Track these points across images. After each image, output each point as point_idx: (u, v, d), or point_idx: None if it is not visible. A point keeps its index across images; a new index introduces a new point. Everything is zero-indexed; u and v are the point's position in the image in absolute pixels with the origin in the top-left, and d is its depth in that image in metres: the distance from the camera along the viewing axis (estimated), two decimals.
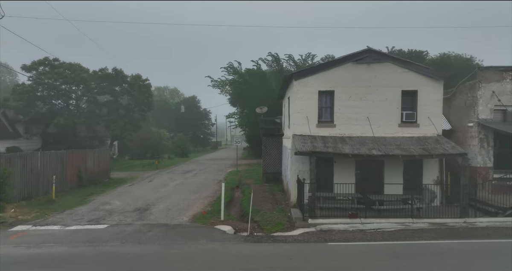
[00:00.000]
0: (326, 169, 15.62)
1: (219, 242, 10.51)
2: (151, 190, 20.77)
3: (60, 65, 33.25)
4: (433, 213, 13.53)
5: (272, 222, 13.41)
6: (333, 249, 9.74)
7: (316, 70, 15.71)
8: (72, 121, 32.89)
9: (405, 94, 15.55)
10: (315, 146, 14.16)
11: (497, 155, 15.47)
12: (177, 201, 17.35)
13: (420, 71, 15.44)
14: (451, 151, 13.80)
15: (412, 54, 38.89)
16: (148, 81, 37.13)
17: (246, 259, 8.96)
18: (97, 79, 34.44)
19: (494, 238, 10.58)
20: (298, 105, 15.75)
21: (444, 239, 10.54)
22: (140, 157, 46.84)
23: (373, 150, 13.85)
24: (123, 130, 34.43)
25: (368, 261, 8.63)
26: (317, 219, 13.09)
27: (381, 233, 11.40)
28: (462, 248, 9.66)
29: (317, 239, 10.80)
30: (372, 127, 15.44)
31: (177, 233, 11.58)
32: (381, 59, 15.39)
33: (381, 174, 15.53)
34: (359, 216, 13.32)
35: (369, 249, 9.74)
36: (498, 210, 13.61)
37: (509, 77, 15.22)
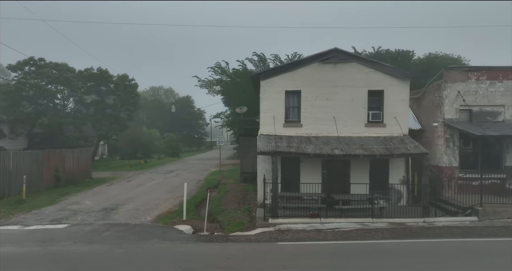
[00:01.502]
0: (293, 168, 15.67)
1: (170, 241, 10.53)
2: (127, 190, 20.81)
3: (46, 65, 33.31)
4: (396, 213, 13.56)
5: (234, 221, 13.45)
6: (279, 249, 9.77)
7: (282, 70, 15.74)
8: (57, 121, 32.94)
9: (372, 94, 15.58)
10: (278, 146, 14.19)
11: (463, 155, 15.50)
12: (148, 201, 17.39)
13: (387, 71, 15.47)
14: (413, 150, 13.83)
15: (400, 54, 38.96)
16: (134, 81, 37.16)
17: (188, 258, 8.99)
18: (83, 79, 34.45)
19: (445, 237, 10.62)
20: (265, 105, 15.78)
21: (394, 238, 10.57)
22: (130, 157, 46.85)
23: (336, 150, 13.88)
24: (108, 130, 34.45)
25: (306, 260, 8.66)
26: (278, 219, 13.12)
27: (336, 232, 11.43)
28: (408, 248, 9.69)
29: (269, 238, 10.83)
30: (339, 127, 15.47)
31: (133, 232, 11.61)
32: (347, 59, 15.41)
33: (348, 173, 15.56)
34: (322, 215, 13.36)
35: (314, 249, 9.77)
36: (459, 210, 13.66)
37: (474, 77, 15.24)
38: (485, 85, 15.24)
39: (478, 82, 15.24)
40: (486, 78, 15.21)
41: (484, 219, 12.78)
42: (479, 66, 15.50)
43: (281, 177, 15.71)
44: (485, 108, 15.37)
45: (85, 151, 26.84)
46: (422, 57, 40.82)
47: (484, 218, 12.79)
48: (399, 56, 38.38)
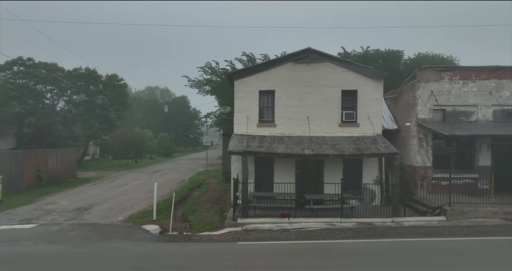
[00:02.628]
0: (267, 168, 15.69)
1: (132, 241, 10.54)
2: (107, 190, 20.82)
3: (35, 65, 33.30)
4: (367, 213, 13.58)
5: (204, 221, 13.48)
6: (237, 248, 9.79)
7: (256, 70, 15.75)
8: (45, 121, 32.92)
9: (346, 94, 15.60)
10: (249, 146, 14.20)
11: (437, 155, 15.50)
12: (125, 201, 17.40)
13: (360, 71, 15.48)
14: (383, 150, 13.84)
15: (389, 54, 38.97)
16: (123, 81, 37.14)
17: (145, 258, 8.98)
18: (71, 79, 34.41)
19: (406, 237, 10.63)
20: (239, 105, 15.80)
21: (356, 238, 10.58)
22: (123, 157, 46.87)
23: (306, 150, 13.89)
24: (96, 130, 34.44)
25: (260, 260, 8.67)
26: (247, 219, 13.13)
27: (300, 232, 11.44)
28: (365, 247, 9.69)
29: (232, 238, 10.84)
30: (313, 127, 15.50)
31: (99, 232, 11.61)
32: (321, 59, 15.43)
33: (321, 173, 15.58)
34: (292, 215, 13.36)
35: (272, 248, 9.79)
36: (429, 210, 13.67)
37: (448, 77, 15.25)
38: (458, 85, 15.25)
39: (451, 82, 15.25)
40: (459, 78, 15.22)
41: (452, 218, 12.80)
42: (452, 66, 15.60)
43: (255, 176, 15.78)
44: (458, 108, 15.38)
45: (70, 151, 26.83)
46: (412, 57, 40.83)
47: (452, 218, 12.81)
48: (389, 56, 38.39)
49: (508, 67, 15.33)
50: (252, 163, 15.71)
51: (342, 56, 38.56)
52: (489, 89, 15.11)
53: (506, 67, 15.32)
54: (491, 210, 12.84)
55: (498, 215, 12.76)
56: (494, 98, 15.04)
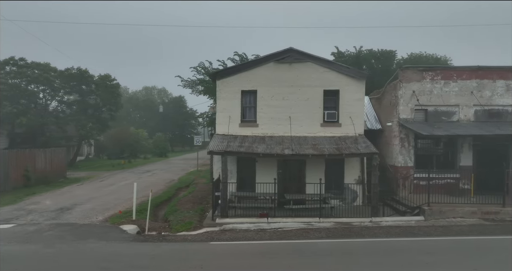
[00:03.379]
0: (249, 168, 15.70)
1: (106, 241, 10.54)
2: (94, 190, 20.82)
3: (27, 65, 33.30)
4: (346, 213, 13.58)
5: (183, 221, 13.49)
6: (208, 248, 9.80)
7: (238, 70, 15.76)
8: (37, 121, 32.92)
9: (328, 94, 15.60)
10: (229, 146, 14.20)
11: (419, 155, 15.50)
12: (109, 200, 17.39)
13: (342, 71, 15.48)
14: (363, 150, 13.84)
15: (382, 54, 38.98)
16: (116, 81, 37.15)
17: (113, 258, 8.99)
18: (63, 79, 34.42)
19: (380, 237, 10.63)
20: (221, 104, 15.80)
21: (330, 238, 10.58)
22: (118, 157, 46.89)
23: (286, 150, 13.89)
24: (88, 130, 34.44)
25: (228, 260, 8.68)
26: (225, 219, 13.13)
27: (275, 232, 11.45)
28: (338, 247, 9.67)
29: (206, 238, 10.85)
30: (295, 127, 15.51)
31: (75, 232, 11.60)
32: (303, 58, 15.43)
33: (303, 173, 15.59)
34: (272, 215, 13.36)
35: (244, 248, 9.80)
36: (407, 209, 13.68)
37: (429, 77, 15.25)
38: (440, 85, 15.25)
39: (433, 82, 15.25)
40: (441, 78, 15.22)
41: (430, 218, 12.80)
42: (433, 66, 15.60)
43: (238, 176, 15.81)
44: (440, 108, 15.38)
45: (60, 151, 26.82)
46: (405, 57, 40.85)
47: (430, 218, 12.81)
48: (382, 56, 38.41)
49: (489, 67, 15.34)
50: (234, 163, 15.73)
51: (335, 56, 38.73)
52: (471, 89, 15.11)
53: (487, 67, 15.33)
54: (469, 210, 12.85)
55: (476, 215, 12.77)
56: (475, 98, 15.04)
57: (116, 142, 48.84)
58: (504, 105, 15.17)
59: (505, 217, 12.67)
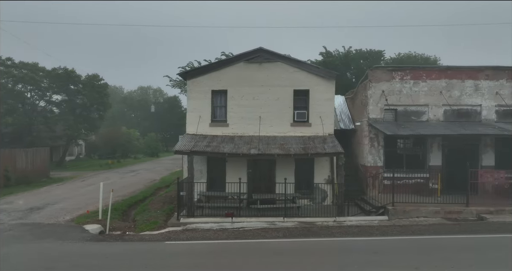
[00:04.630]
0: (219, 168, 15.71)
1: (62, 241, 10.55)
2: (72, 190, 20.86)
3: (14, 65, 33.30)
4: (313, 212, 13.59)
5: (149, 221, 13.54)
6: (160, 248, 9.81)
7: (208, 70, 15.76)
8: (23, 120, 32.96)
9: (298, 93, 15.61)
10: (196, 145, 14.22)
11: (388, 154, 15.51)
12: (83, 200, 17.40)
13: (311, 71, 15.50)
14: (329, 150, 13.85)
15: (370, 54, 39.05)
16: (103, 81, 37.20)
17: (63, 258, 9.01)
18: (51, 79, 34.44)
19: (336, 236, 10.66)
20: (191, 104, 15.82)
21: (286, 238, 10.60)
22: (109, 157, 46.92)
23: (252, 149, 13.89)
24: (74, 130, 34.47)
25: (174, 259, 8.71)
26: (190, 218, 13.15)
27: (235, 232, 11.48)
28: (289, 246, 9.71)
29: (163, 238, 10.88)
30: (265, 127, 15.53)
31: (36, 232, 11.61)
32: (272, 58, 15.45)
33: (273, 173, 15.60)
34: (238, 215, 13.39)
35: (195, 247, 9.84)
36: (373, 209, 13.70)
37: (399, 77, 15.26)
38: (409, 85, 15.27)
39: (402, 81, 15.27)
40: (410, 78, 15.23)
41: (393, 218, 12.82)
42: (403, 66, 15.67)
43: (208, 176, 15.84)
44: (410, 108, 15.39)
45: (42, 151, 26.81)
46: (394, 57, 40.91)
47: (393, 217, 12.83)
48: (369, 56, 38.46)
49: (458, 67, 15.35)
50: (204, 163, 15.76)
51: (324, 56, 38.78)
52: (440, 89, 15.13)
53: (456, 67, 15.35)
54: (432, 210, 12.87)
55: (439, 215, 12.79)
56: (444, 98, 15.06)
57: (107, 141, 48.83)
58: (473, 105, 15.19)
59: (468, 217, 12.69)
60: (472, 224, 11.65)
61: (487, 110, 15.13)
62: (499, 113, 15.17)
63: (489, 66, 15.15)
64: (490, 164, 14.99)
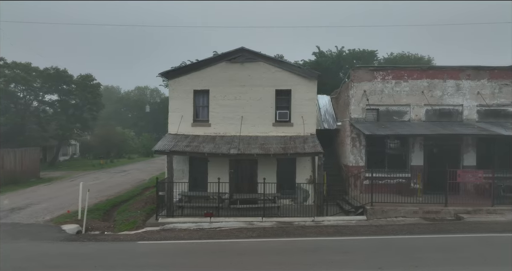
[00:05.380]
0: (201, 168, 15.71)
1: (37, 241, 10.57)
2: (58, 190, 20.87)
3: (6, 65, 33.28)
4: (292, 212, 13.59)
5: (128, 221, 13.56)
6: (130, 248, 9.80)
7: (190, 69, 15.75)
8: (15, 120, 32.95)
9: (280, 93, 15.61)
10: (176, 145, 14.21)
11: (370, 154, 15.50)
12: (66, 200, 17.37)
13: (293, 70, 15.49)
14: (308, 150, 13.83)
15: (363, 54, 39.06)
16: (96, 80, 37.18)
17: (34, 257, 8.98)
18: (42, 79, 34.42)
19: (309, 236, 10.62)
20: (173, 104, 15.82)
21: (260, 237, 10.57)
22: (101, 157, 46.91)
23: (232, 149, 13.88)
24: (66, 130, 34.45)
25: (141, 259, 8.68)
26: (169, 218, 13.14)
27: (211, 232, 11.47)
28: (258, 246, 9.66)
29: (137, 238, 10.87)
30: (247, 127, 15.53)
31: (12, 232, 11.59)
32: (254, 58, 15.44)
33: (255, 173, 15.59)
34: (218, 214, 13.38)
35: (166, 247, 9.83)
36: (352, 209, 13.69)
37: (380, 77, 15.25)
38: (391, 85, 15.25)
39: (384, 81, 15.25)
40: (392, 77, 15.22)
41: (372, 218, 12.81)
42: (384, 65, 15.66)
43: (190, 176, 15.83)
44: (392, 107, 15.38)
45: (32, 151, 26.80)
46: (387, 57, 40.92)
47: (372, 217, 12.82)
48: (362, 56, 38.47)
49: (440, 67, 15.35)
50: (186, 163, 15.75)
51: (317, 56, 38.79)
52: (422, 89, 15.12)
53: (438, 67, 15.36)
54: (411, 209, 12.86)
55: (417, 214, 12.78)
56: (426, 98, 15.05)
57: (101, 141, 48.82)
58: (455, 105, 15.17)
59: (446, 216, 12.69)
60: (447, 224, 11.63)
61: (469, 110, 15.11)
62: (480, 113, 15.15)
63: (470, 66, 15.14)
64: (471, 164, 14.98)
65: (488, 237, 9.94)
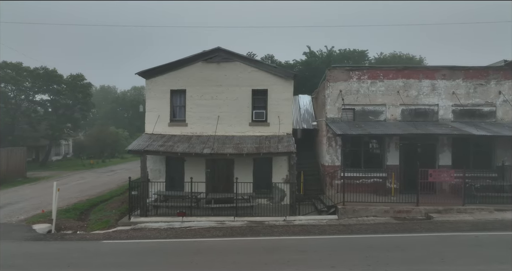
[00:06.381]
0: (178, 167, 15.75)
1: (4, 240, 10.57)
2: (41, 189, 20.88)
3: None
4: (266, 211, 13.61)
5: (101, 220, 13.61)
6: (94, 247, 9.85)
7: (167, 69, 15.78)
8: (5, 120, 32.99)
9: (256, 93, 15.65)
10: (151, 145, 14.25)
11: (347, 154, 15.52)
12: (45, 200, 17.33)
13: (270, 70, 15.53)
14: (281, 149, 13.87)
15: (353, 53, 39.10)
16: (86, 80, 37.20)
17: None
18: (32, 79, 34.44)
19: (274, 235, 10.65)
20: (150, 104, 15.86)
21: (225, 237, 10.61)
22: (91, 157, 46.91)
23: (206, 149, 13.92)
24: (56, 130, 34.48)
25: (98, 258, 8.70)
26: (141, 218, 13.19)
27: (179, 231, 11.53)
28: (219, 246, 9.70)
29: (103, 237, 10.94)
30: (224, 126, 15.58)
31: None
32: (231, 58, 15.48)
33: (231, 172, 15.62)
34: (191, 214, 13.42)
35: (129, 247, 9.85)
36: (324, 208, 13.73)
37: (356, 76, 15.27)
38: (367, 85, 15.27)
39: (360, 81, 15.28)
40: (367, 77, 15.24)
41: (343, 217, 12.83)
42: (360, 65, 15.69)
43: (167, 176, 15.87)
44: (367, 107, 15.40)
45: (18, 151, 26.84)
46: (377, 57, 40.96)
47: (343, 216, 12.84)
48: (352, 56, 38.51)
49: (415, 67, 15.44)
50: (163, 163, 15.79)
51: (307, 56, 38.82)
52: (397, 88, 15.14)
53: (413, 67, 15.42)
54: (381, 209, 12.87)
55: (388, 214, 12.80)
56: (401, 97, 15.07)
57: (95, 141, 48.82)
58: (430, 104, 15.20)
59: (417, 216, 12.70)
60: (414, 223, 11.65)
61: (444, 110, 15.14)
62: (455, 113, 15.18)
63: (445, 66, 15.17)
64: (447, 163, 15.01)
65: (451, 236, 9.96)
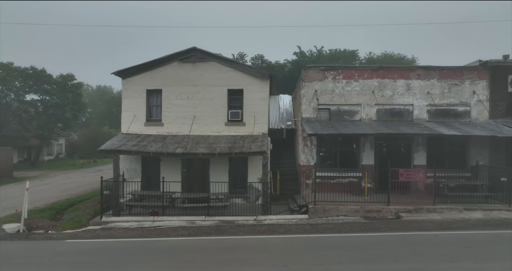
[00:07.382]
0: (154, 167, 15.77)
1: None
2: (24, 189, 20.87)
3: None
4: (239, 211, 13.65)
5: (74, 220, 13.64)
6: (53, 247, 9.86)
7: (143, 69, 15.81)
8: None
9: (232, 93, 15.68)
10: (124, 144, 14.28)
11: (322, 154, 15.55)
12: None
13: (245, 70, 15.56)
14: (254, 149, 13.88)
15: (345, 54, 39.14)
16: (76, 80, 37.24)
17: None
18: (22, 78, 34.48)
19: (238, 235, 10.66)
20: (125, 104, 15.89)
21: (189, 236, 10.61)
22: (81, 156, 46.97)
23: (178, 149, 13.94)
24: (46, 130, 34.52)
25: (59, 258, 8.70)
26: (113, 217, 13.23)
27: (146, 230, 11.55)
28: (179, 245, 9.70)
29: (69, 236, 10.95)
30: (200, 126, 15.62)
31: None
32: (206, 58, 15.51)
33: (207, 172, 15.65)
34: (163, 214, 13.45)
35: (91, 246, 9.85)
36: (296, 207, 13.75)
37: (331, 76, 15.30)
38: (342, 85, 15.29)
39: (335, 81, 15.30)
40: (342, 77, 15.26)
41: (314, 216, 12.86)
42: (335, 65, 15.67)
43: (144, 175, 15.90)
44: (343, 107, 15.41)
45: (5, 150, 26.91)
46: (368, 57, 40.98)
47: (314, 216, 12.87)
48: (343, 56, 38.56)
49: (390, 66, 15.43)
50: (139, 162, 15.82)
51: (298, 56, 38.86)
52: (372, 88, 15.16)
53: (388, 66, 15.42)
54: (352, 208, 12.89)
55: (359, 213, 12.82)
56: (376, 97, 15.09)
57: (87, 141, 48.87)
58: (405, 104, 15.21)
59: (387, 215, 12.72)
60: (382, 223, 11.66)
61: (419, 109, 15.16)
62: (430, 113, 15.20)
63: (420, 66, 15.21)
64: (422, 163, 15.03)
65: (412, 235, 9.97)
